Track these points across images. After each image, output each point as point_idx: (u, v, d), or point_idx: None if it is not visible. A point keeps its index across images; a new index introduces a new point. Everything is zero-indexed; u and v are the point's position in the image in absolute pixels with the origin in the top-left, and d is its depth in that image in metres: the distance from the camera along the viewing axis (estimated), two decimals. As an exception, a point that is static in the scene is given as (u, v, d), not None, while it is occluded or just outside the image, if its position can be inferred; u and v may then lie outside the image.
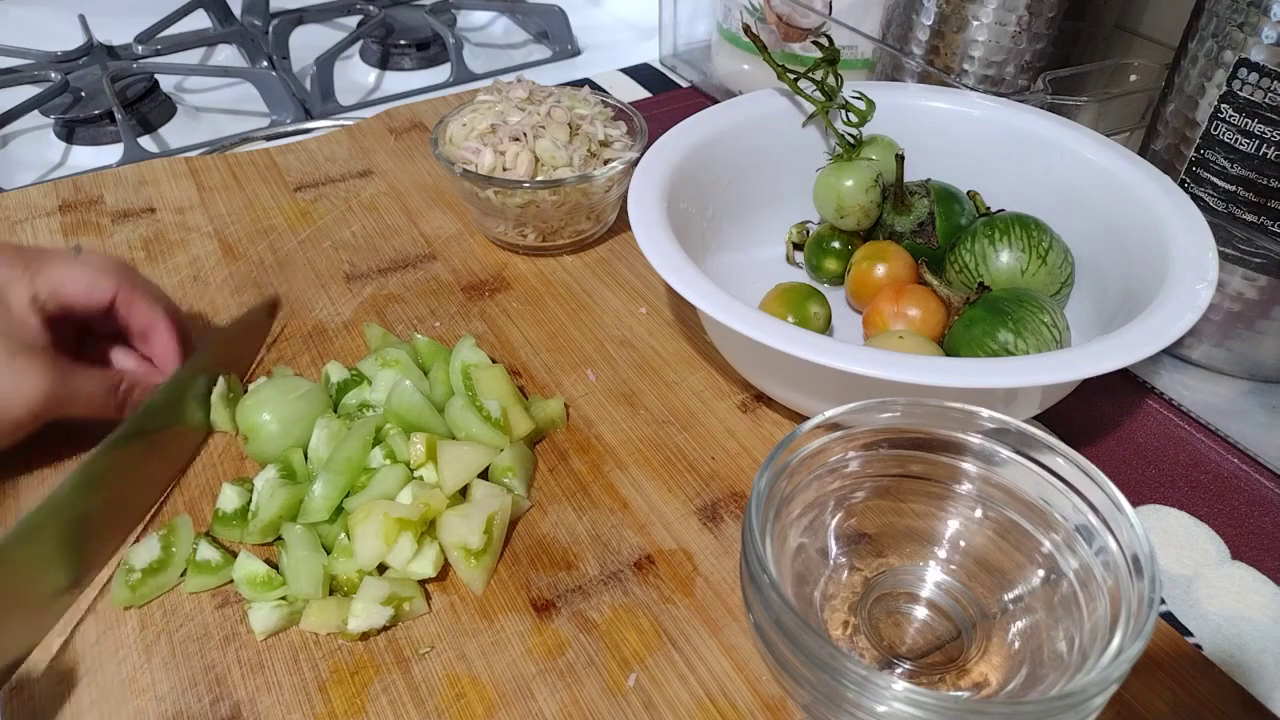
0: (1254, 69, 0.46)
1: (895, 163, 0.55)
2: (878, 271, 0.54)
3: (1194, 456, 0.49)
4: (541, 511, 0.45)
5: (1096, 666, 0.31)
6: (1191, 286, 0.43)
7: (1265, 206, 0.48)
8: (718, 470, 0.47)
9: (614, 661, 0.39)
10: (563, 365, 0.54)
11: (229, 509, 0.43)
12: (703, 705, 0.37)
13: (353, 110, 0.84)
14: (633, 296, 0.59)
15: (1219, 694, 0.38)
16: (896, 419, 0.38)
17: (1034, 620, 0.36)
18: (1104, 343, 0.41)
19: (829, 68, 0.56)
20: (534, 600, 0.41)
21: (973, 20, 0.63)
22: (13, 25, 1.02)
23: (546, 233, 0.61)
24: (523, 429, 0.47)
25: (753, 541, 0.32)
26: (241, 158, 0.73)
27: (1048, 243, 0.51)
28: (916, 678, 0.36)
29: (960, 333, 0.49)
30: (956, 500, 0.39)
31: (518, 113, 0.60)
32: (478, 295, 0.59)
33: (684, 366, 0.54)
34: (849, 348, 0.41)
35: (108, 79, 0.80)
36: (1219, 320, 0.52)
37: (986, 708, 0.30)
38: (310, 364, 0.54)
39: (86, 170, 0.73)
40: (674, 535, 0.44)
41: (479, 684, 0.38)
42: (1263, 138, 0.47)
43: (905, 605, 0.39)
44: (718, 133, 0.57)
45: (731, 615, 0.41)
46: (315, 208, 0.67)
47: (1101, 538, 0.34)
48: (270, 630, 0.40)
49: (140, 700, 0.38)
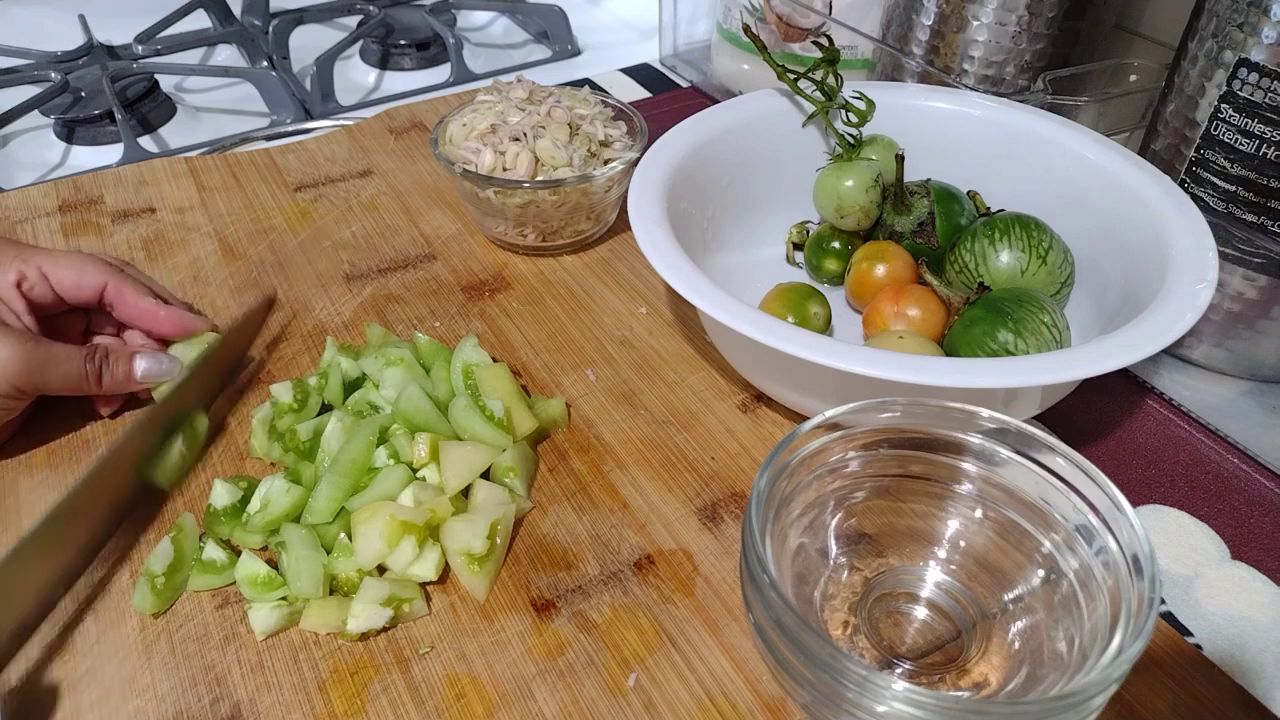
0: (1254, 69, 0.46)
1: (895, 163, 0.55)
2: (878, 271, 0.54)
3: (1194, 456, 0.49)
4: (542, 511, 0.45)
5: (1096, 666, 0.31)
6: (1191, 286, 0.43)
7: (1265, 206, 0.48)
8: (718, 470, 0.47)
9: (614, 661, 0.39)
10: (563, 365, 0.54)
11: (220, 505, 0.44)
12: (703, 705, 0.37)
13: (353, 110, 0.84)
14: (633, 296, 0.59)
15: (1219, 694, 0.38)
16: (896, 419, 0.38)
17: (1034, 620, 0.36)
18: (1104, 343, 0.41)
19: (829, 68, 0.56)
20: (534, 600, 0.41)
21: (973, 20, 0.63)
22: (13, 25, 1.02)
23: (546, 233, 0.61)
24: (526, 428, 0.47)
25: (753, 541, 0.32)
26: (241, 158, 0.73)
27: (1048, 243, 0.51)
28: (916, 678, 0.36)
29: (960, 333, 0.49)
30: (956, 500, 0.39)
31: (518, 113, 0.60)
32: (478, 295, 0.59)
33: (684, 366, 0.54)
34: (849, 348, 0.41)
35: (108, 79, 0.80)
36: (1219, 320, 0.52)
37: (986, 708, 0.30)
38: (310, 364, 0.54)
39: (86, 170, 0.73)
40: (674, 535, 0.44)
41: (479, 684, 0.38)
42: (1263, 138, 0.47)
43: (905, 605, 0.39)
44: (718, 133, 0.57)
45: (731, 615, 0.41)
46: (315, 208, 0.67)
47: (1101, 538, 0.34)
48: (270, 630, 0.40)
49: (140, 700, 0.38)
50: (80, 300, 0.49)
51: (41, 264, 0.48)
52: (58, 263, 0.48)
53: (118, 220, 0.66)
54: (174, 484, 0.46)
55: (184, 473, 0.47)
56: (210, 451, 0.48)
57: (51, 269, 0.48)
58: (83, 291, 0.48)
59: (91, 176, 0.70)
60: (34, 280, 0.47)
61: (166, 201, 0.68)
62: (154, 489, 0.46)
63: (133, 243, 0.63)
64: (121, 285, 0.49)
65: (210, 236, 0.64)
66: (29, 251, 0.48)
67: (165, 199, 0.68)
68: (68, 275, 0.48)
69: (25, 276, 0.47)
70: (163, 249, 0.63)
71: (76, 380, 0.46)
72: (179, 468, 0.46)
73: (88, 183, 0.69)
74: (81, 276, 0.48)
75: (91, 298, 0.49)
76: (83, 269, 0.48)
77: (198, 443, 0.48)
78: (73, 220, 0.65)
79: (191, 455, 0.47)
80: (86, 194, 0.68)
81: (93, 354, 0.47)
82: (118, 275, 0.49)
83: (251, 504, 0.44)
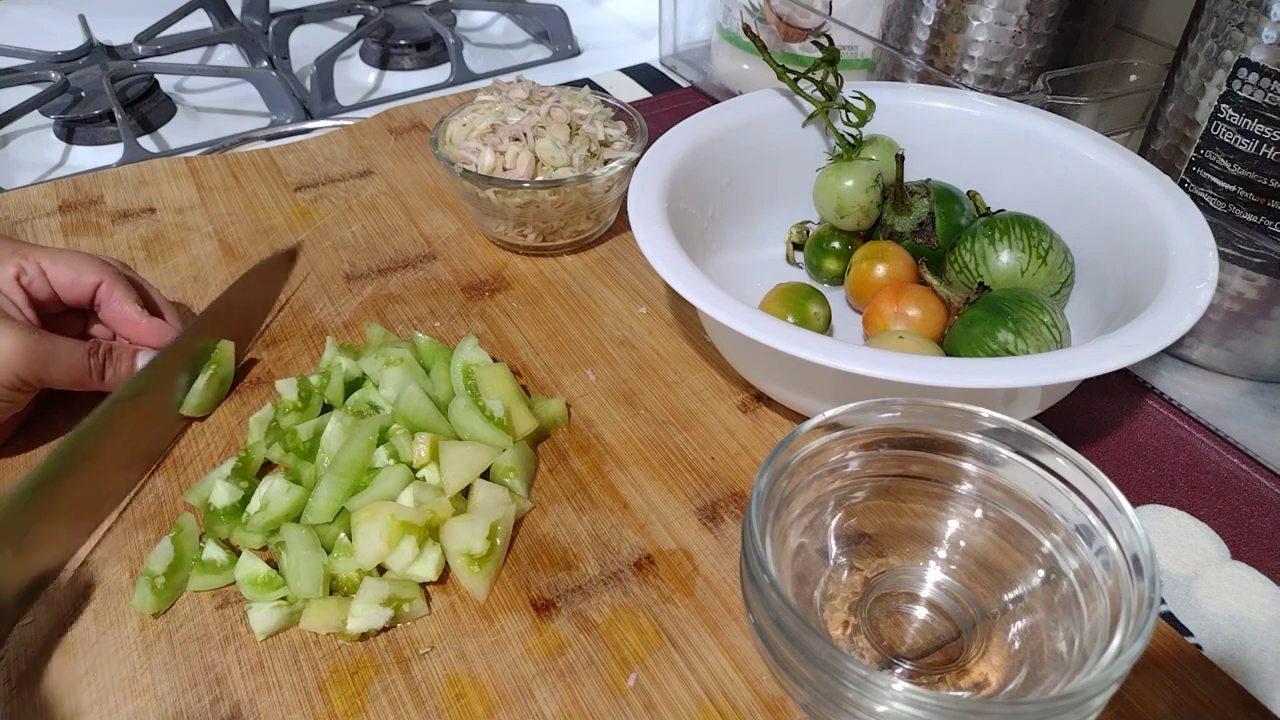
0: (1254, 69, 0.46)
1: (895, 163, 0.55)
2: (878, 271, 0.54)
3: (1194, 456, 0.49)
4: (542, 511, 0.45)
5: (1096, 666, 0.31)
6: (1191, 286, 0.43)
7: (1265, 206, 0.48)
8: (718, 470, 0.47)
9: (614, 661, 0.39)
10: (563, 365, 0.54)
11: (220, 505, 0.44)
12: (703, 705, 0.37)
13: (353, 110, 0.84)
14: (633, 296, 0.59)
15: (1219, 694, 0.38)
16: (896, 419, 0.38)
17: (1034, 620, 0.36)
18: (1104, 343, 0.41)
19: (829, 68, 0.56)
20: (534, 600, 0.41)
21: (973, 20, 0.63)
22: (13, 25, 1.02)
23: (546, 233, 0.61)
24: (526, 428, 0.47)
25: (753, 541, 0.32)
26: (241, 158, 0.73)
27: (1048, 243, 0.51)
28: (916, 678, 0.36)
29: (960, 333, 0.49)
30: (956, 500, 0.39)
31: (518, 113, 0.60)
32: (478, 295, 0.59)
33: (684, 366, 0.54)
34: (849, 348, 0.41)
35: (108, 79, 0.80)
36: (1219, 320, 0.52)
37: (986, 708, 0.30)
38: (310, 364, 0.54)
39: (86, 170, 0.73)
40: (674, 535, 0.44)
41: (479, 684, 0.38)
42: (1263, 138, 0.47)
43: (905, 605, 0.39)
44: (718, 133, 0.57)
45: (731, 615, 0.41)
46: (315, 208, 0.67)
47: (1101, 538, 0.34)
48: (270, 630, 0.40)
49: (140, 700, 0.38)
50: (76, 298, 0.49)
51: (40, 260, 0.48)
52: (56, 260, 0.48)
53: (118, 220, 0.66)
54: (204, 413, 0.50)
55: (215, 403, 0.51)
56: (211, 450, 0.48)
57: (50, 265, 0.48)
58: (79, 289, 0.49)
59: (91, 176, 0.70)
60: (33, 275, 0.48)
61: (166, 201, 0.68)
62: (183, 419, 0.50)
63: (133, 243, 0.63)
64: (113, 287, 0.49)
65: (210, 236, 0.64)
66: (27, 248, 0.48)
67: (165, 199, 0.68)
68: (65, 273, 0.48)
69: (24, 271, 0.47)
70: (163, 249, 0.63)
71: (79, 373, 0.46)
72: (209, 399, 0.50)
73: (88, 183, 0.69)
74: (79, 274, 0.49)
75: (87, 296, 0.49)
76: (81, 267, 0.49)
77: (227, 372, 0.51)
78: (73, 220, 0.65)
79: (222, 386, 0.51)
80: (86, 194, 0.68)
81: (96, 348, 0.47)
82: (112, 275, 0.49)
83: (251, 504, 0.44)
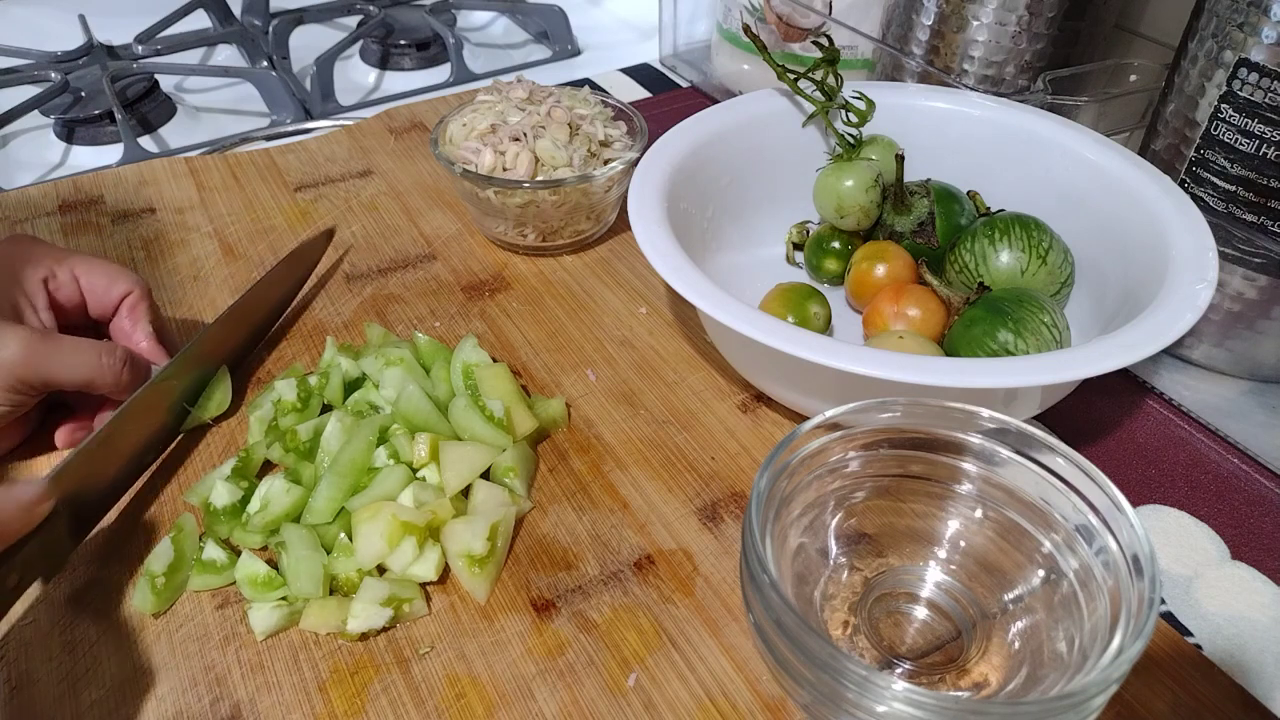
0: (1254, 69, 0.46)
1: (895, 163, 0.55)
2: (878, 271, 0.54)
3: (1194, 456, 0.49)
4: (542, 511, 0.45)
5: (1096, 666, 0.31)
6: (1191, 286, 0.43)
7: (1265, 206, 0.48)
8: (718, 470, 0.47)
9: (614, 661, 0.39)
10: (563, 365, 0.54)
11: (220, 505, 0.43)
12: (703, 705, 0.37)
13: (353, 110, 0.84)
14: (633, 296, 0.59)
15: (1219, 694, 0.38)
16: (896, 419, 0.38)
17: (1034, 620, 0.36)
18: (1104, 343, 0.41)
19: (829, 68, 0.56)
20: (534, 600, 0.41)
21: (973, 20, 0.63)
22: (13, 25, 1.02)
23: (546, 233, 0.61)
24: (526, 428, 0.47)
25: (753, 541, 0.32)
26: (241, 158, 0.73)
27: (1048, 243, 0.51)
28: (916, 678, 0.36)
29: (960, 333, 0.49)
30: (956, 500, 0.39)
31: (518, 113, 0.60)
32: (478, 295, 0.59)
33: (684, 366, 0.54)
34: (849, 348, 0.41)
35: (108, 79, 0.80)
36: (1219, 320, 0.52)
37: (986, 708, 0.30)
38: (310, 364, 0.54)
39: (86, 170, 0.73)
40: (674, 535, 0.44)
41: (479, 684, 0.38)
42: (1263, 138, 0.47)
43: (905, 605, 0.39)
44: (718, 133, 0.57)
45: (731, 615, 0.41)
46: (315, 208, 0.67)
47: (1101, 538, 0.34)
48: (270, 630, 0.40)
49: (140, 700, 0.38)
50: (103, 305, 0.50)
51: (75, 266, 0.49)
52: (93, 266, 0.49)
53: (118, 220, 0.66)
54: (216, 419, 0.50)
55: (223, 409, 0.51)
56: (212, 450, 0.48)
57: (85, 271, 0.49)
58: (110, 296, 0.50)
59: (91, 176, 0.70)
60: (63, 280, 0.48)
61: (166, 201, 0.68)
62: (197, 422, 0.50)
63: (133, 243, 0.63)
64: (139, 300, 0.50)
65: (210, 236, 0.64)
66: (67, 254, 0.49)
67: (165, 199, 0.68)
68: (100, 280, 0.49)
69: (54, 275, 0.48)
70: (163, 249, 0.63)
71: (87, 372, 0.45)
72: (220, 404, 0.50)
73: (88, 183, 0.69)
74: (112, 282, 0.50)
75: (114, 305, 0.50)
76: (116, 276, 0.50)
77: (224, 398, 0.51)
78: (73, 220, 0.65)
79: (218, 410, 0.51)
80: (86, 194, 0.68)
81: (112, 349, 0.47)
82: (142, 289, 0.50)
83: (251, 504, 0.44)
